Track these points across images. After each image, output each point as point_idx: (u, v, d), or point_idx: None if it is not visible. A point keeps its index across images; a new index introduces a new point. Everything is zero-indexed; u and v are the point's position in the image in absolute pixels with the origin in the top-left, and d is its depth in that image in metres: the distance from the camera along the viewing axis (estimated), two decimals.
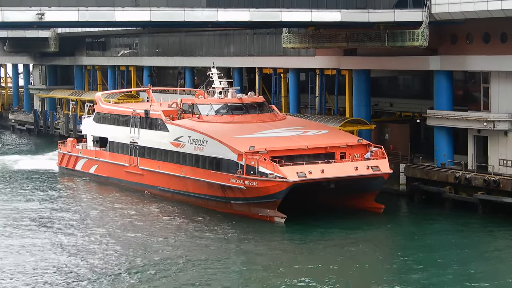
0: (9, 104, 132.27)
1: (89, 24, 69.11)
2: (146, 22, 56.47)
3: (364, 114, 70.28)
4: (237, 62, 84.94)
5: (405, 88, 74.14)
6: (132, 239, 52.69)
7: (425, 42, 59.31)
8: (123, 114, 73.23)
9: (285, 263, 46.89)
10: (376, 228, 55.75)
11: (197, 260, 47.23)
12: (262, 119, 65.15)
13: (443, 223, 57.06)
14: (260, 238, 52.86)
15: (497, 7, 54.75)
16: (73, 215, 60.85)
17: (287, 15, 57.60)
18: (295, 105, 78.38)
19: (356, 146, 60.00)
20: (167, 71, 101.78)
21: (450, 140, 63.25)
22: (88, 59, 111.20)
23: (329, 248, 50.23)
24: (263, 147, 58.03)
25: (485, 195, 57.71)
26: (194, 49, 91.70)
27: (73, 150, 79.77)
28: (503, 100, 58.94)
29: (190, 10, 54.29)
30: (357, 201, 59.12)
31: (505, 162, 58.62)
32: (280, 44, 73.40)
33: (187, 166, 63.33)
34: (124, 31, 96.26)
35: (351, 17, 59.44)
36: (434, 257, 47.40)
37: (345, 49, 70.35)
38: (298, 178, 55.53)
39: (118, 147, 72.84)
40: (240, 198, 58.46)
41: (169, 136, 65.79)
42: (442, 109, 62.94)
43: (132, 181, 70.45)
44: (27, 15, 50.10)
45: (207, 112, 65.75)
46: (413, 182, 63.19)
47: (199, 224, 56.94)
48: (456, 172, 60.11)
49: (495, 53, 58.60)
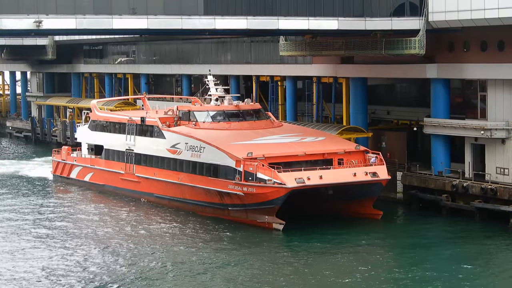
0: (6, 112, 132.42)
1: (87, 32, 69.23)
2: (144, 30, 56.60)
3: (361, 122, 70.32)
4: (234, 70, 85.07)
5: (402, 96, 74.17)
6: (126, 247, 52.62)
7: (422, 50, 59.37)
8: (118, 122, 73.20)
9: (283, 270, 46.77)
10: (374, 235, 55.68)
11: (194, 267, 47.21)
12: (259, 126, 65.17)
13: (440, 232, 56.98)
14: (258, 244, 52.79)
15: (494, 15, 54.81)
16: (67, 223, 60.74)
17: (284, 23, 57.62)
18: (292, 113, 78.48)
19: (353, 153, 60.05)
20: (164, 79, 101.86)
21: (447, 148, 63.28)
22: (85, 67, 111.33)
23: (327, 254, 50.12)
24: (261, 153, 58.04)
25: (482, 203, 57.71)
26: (191, 56, 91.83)
27: (67, 158, 79.52)
28: (500, 108, 59.00)
29: (187, 18, 54.33)
30: (355, 207, 59.12)
31: (502, 170, 58.64)
32: (277, 52, 73.50)
33: (184, 173, 63.30)
34: (122, 39, 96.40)
35: (348, 25, 59.51)
36: (431, 266, 47.32)
37: (342, 57, 70.41)
38: (297, 184, 55.52)
39: (114, 154, 72.72)
40: (238, 205, 58.42)
41: (165, 143, 65.75)
42: (439, 117, 62.98)
43: (128, 189, 70.35)
44: (25, 22, 50.03)
45: (203, 119, 65.74)
46: (410, 190, 63.17)
47: (195, 230, 56.89)
48: (453, 180, 60.11)
49: (492, 61, 58.68)
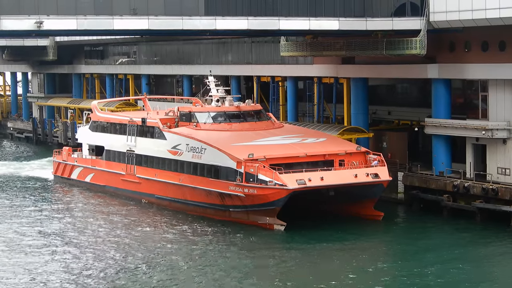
0: (7, 112, 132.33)
1: (88, 33, 68.97)
2: (144, 31, 56.52)
3: (362, 122, 70.27)
4: (235, 70, 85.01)
5: (403, 96, 74.11)
6: (127, 247, 52.62)
7: (423, 50, 59.31)
8: (119, 123, 73.18)
9: (284, 272, 46.78)
10: (375, 236, 55.69)
11: (196, 267, 47.20)
12: (259, 127, 65.11)
13: (442, 232, 56.92)
14: (259, 246, 52.75)
15: (495, 15, 54.75)
16: (69, 224, 60.77)
17: (285, 23, 57.57)
18: (293, 113, 78.41)
19: (354, 154, 59.99)
20: (165, 80, 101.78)
21: (448, 149, 63.24)
22: (86, 68, 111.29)
23: (327, 256, 50.07)
24: (262, 155, 57.99)
25: (484, 204, 57.66)
26: (192, 57, 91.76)
27: (68, 159, 79.52)
28: (502, 108, 58.95)
29: (188, 18, 54.30)
30: (356, 208, 59.08)
31: (503, 170, 58.58)
32: (278, 53, 73.42)
33: (185, 174, 63.24)
34: (122, 40, 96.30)
35: (349, 25, 59.46)
36: (432, 265, 47.29)
37: (343, 57, 70.36)
38: (298, 185, 55.47)
39: (115, 155, 72.71)
40: (239, 206, 58.37)
41: (166, 144, 65.71)
42: (440, 117, 62.93)
43: (129, 190, 70.33)
44: (26, 23, 50.02)
45: (204, 120, 65.68)
46: (411, 191, 63.13)
47: (196, 232, 56.87)
48: (454, 181, 60.06)
49: (493, 61, 58.62)
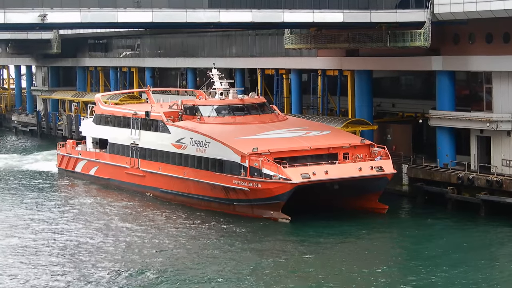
0: (11, 106, 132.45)
1: (91, 26, 69.18)
2: (148, 23, 56.50)
3: (366, 114, 70.18)
4: (239, 63, 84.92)
5: (408, 88, 74.01)
6: (133, 241, 52.69)
7: (427, 42, 59.19)
8: (123, 116, 73.14)
9: (289, 265, 46.80)
10: (380, 229, 55.63)
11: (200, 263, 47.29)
12: (263, 120, 65.00)
13: (446, 224, 56.88)
14: (264, 239, 52.77)
15: (499, 7, 54.63)
16: (73, 217, 60.84)
17: (289, 15, 57.50)
18: (297, 106, 78.33)
19: (359, 147, 59.94)
20: (169, 72, 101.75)
21: (452, 141, 63.12)
22: (90, 61, 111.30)
23: (332, 249, 50.06)
24: (266, 149, 57.91)
25: (488, 196, 57.58)
26: (196, 50, 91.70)
27: (72, 152, 79.48)
28: (506, 100, 58.83)
29: (192, 11, 54.24)
30: (361, 201, 59.01)
31: (508, 162, 58.48)
32: (282, 45, 73.30)
33: (189, 168, 63.21)
34: (126, 33, 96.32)
35: (353, 17, 59.36)
36: (437, 258, 47.28)
37: (347, 50, 70.22)
38: (302, 179, 55.40)
39: (119, 148, 72.68)
40: (244, 200, 58.33)
41: (170, 137, 65.66)
42: (444, 109, 62.80)
43: (133, 183, 70.34)
44: (30, 16, 50.06)
45: (208, 113, 65.56)
46: (415, 183, 63.05)
47: (201, 225, 56.91)
48: (459, 173, 59.99)
49: (497, 53, 58.48)
